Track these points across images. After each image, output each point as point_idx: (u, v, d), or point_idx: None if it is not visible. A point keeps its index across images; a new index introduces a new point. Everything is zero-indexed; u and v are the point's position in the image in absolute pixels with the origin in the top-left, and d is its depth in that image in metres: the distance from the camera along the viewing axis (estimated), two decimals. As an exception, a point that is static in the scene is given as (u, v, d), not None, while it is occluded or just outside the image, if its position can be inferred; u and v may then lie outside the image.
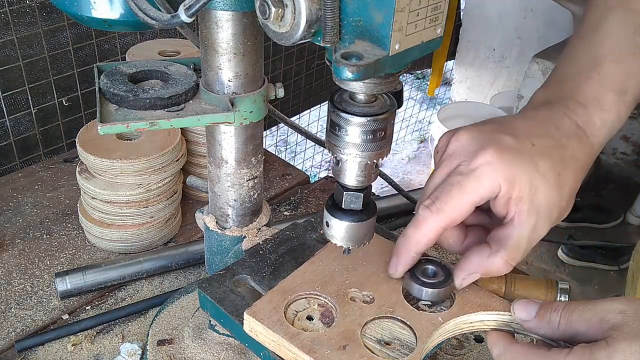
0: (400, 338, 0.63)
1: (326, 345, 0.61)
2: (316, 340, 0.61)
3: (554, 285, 1.04)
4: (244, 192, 0.77)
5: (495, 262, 0.61)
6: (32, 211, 1.22)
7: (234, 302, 0.70)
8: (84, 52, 1.63)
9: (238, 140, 0.73)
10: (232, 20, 0.65)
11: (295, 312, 0.66)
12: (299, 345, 0.61)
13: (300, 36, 0.51)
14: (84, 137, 1.09)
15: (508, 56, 3.51)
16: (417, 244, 0.62)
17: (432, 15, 0.53)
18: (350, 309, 0.66)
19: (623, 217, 2.76)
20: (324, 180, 1.41)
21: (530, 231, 0.60)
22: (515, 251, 0.61)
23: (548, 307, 0.59)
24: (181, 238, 1.19)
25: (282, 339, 0.61)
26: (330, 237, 0.67)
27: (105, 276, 1.02)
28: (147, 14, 0.60)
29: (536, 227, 0.60)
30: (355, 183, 0.63)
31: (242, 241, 0.80)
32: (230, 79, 0.69)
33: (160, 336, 0.87)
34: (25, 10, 1.47)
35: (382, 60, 0.50)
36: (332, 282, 0.69)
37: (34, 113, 1.59)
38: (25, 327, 0.97)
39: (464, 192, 0.59)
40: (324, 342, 0.61)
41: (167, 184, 1.11)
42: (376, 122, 0.59)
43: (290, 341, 0.61)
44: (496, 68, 3.59)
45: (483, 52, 3.61)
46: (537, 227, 0.60)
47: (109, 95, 0.68)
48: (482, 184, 0.58)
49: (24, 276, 1.06)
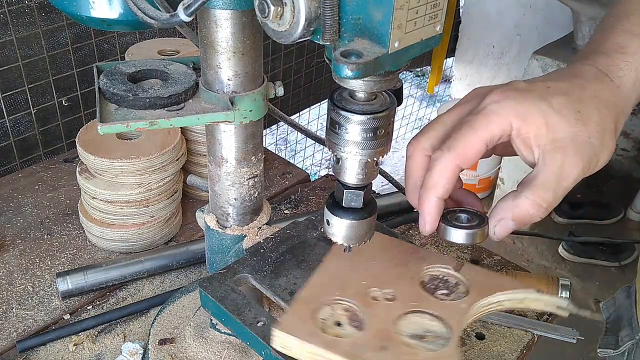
0: (431, 330, 0.63)
1: (366, 348, 0.60)
2: (355, 345, 0.60)
3: (555, 282, 1.04)
4: (244, 190, 0.77)
5: (522, 204, 0.58)
6: (32, 211, 1.22)
7: (235, 301, 0.70)
8: (83, 52, 1.63)
9: (238, 139, 0.73)
10: (231, 18, 0.65)
11: (323, 320, 0.64)
12: (341, 352, 0.59)
13: (299, 34, 0.51)
14: (84, 137, 1.09)
15: (507, 53, 3.51)
16: (435, 186, 0.60)
17: (431, 12, 0.53)
18: (376, 309, 0.65)
19: (623, 214, 2.77)
20: (324, 179, 1.41)
21: (558, 169, 0.57)
22: (542, 190, 0.57)
23: None
24: (182, 237, 1.19)
25: (321, 349, 0.60)
26: (331, 236, 0.67)
27: (107, 276, 1.03)
28: (146, 13, 0.60)
29: (564, 166, 0.57)
30: (355, 181, 0.63)
31: (243, 240, 0.80)
32: (229, 78, 0.69)
33: (162, 335, 0.87)
34: (24, 11, 1.47)
35: (381, 58, 0.50)
36: (350, 285, 0.68)
37: (34, 113, 1.59)
38: (26, 327, 0.97)
39: (474, 129, 0.58)
40: (362, 345, 0.61)
41: (168, 183, 1.11)
42: (376, 119, 0.59)
43: (330, 350, 0.60)
44: (496, 65, 3.59)
45: (482, 49, 3.61)
46: (566, 167, 0.57)
47: (109, 94, 0.68)
48: (491, 121, 0.57)
49: (25, 276, 1.06)
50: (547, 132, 0.57)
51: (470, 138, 0.58)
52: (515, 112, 0.57)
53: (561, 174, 0.57)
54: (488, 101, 0.59)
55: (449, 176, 0.59)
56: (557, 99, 0.58)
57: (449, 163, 0.59)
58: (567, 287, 1.03)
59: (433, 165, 0.60)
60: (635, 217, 2.76)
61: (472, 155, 0.59)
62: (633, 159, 2.92)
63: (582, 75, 0.61)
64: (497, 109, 0.58)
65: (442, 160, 0.59)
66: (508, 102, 0.57)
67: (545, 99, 0.58)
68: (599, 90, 0.60)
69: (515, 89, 0.59)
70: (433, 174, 0.60)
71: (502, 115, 0.57)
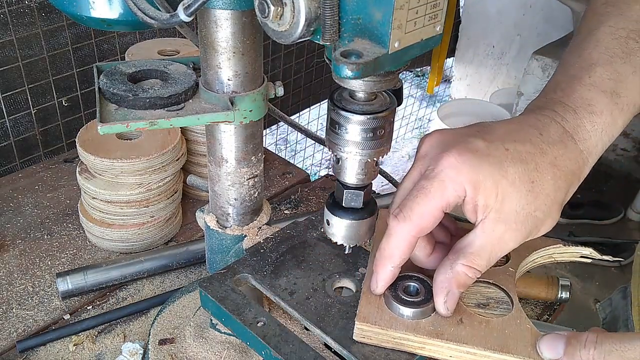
0: (492, 297, 0.68)
1: (445, 325, 0.63)
2: (434, 324, 0.63)
3: (555, 282, 1.04)
4: (244, 190, 0.77)
5: (460, 271, 0.59)
6: (32, 211, 1.22)
7: (235, 301, 0.70)
8: (83, 52, 1.63)
9: (238, 139, 0.73)
10: (231, 19, 0.65)
11: None
12: (424, 333, 0.62)
13: (299, 34, 0.51)
14: (84, 137, 1.09)
15: (507, 53, 3.51)
16: (391, 256, 0.60)
17: (431, 12, 0.53)
18: None
19: (623, 213, 2.76)
20: (324, 179, 1.41)
21: (496, 240, 0.58)
22: (478, 258, 0.58)
23: (576, 343, 0.57)
24: (182, 237, 1.19)
25: (405, 334, 0.62)
26: (331, 236, 0.67)
27: (107, 276, 1.03)
28: (146, 14, 0.60)
29: (503, 237, 0.57)
30: (355, 181, 0.63)
31: (243, 240, 0.80)
32: (229, 78, 0.69)
33: (162, 335, 0.87)
34: (24, 11, 1.47)
35: (381, 58, 0.50)
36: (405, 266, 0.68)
37: (34, 113, 1.59)
38: (26, 328, 0.97)
39: (430, 197, 0.57)
40: (441, 322, 0.63)
41: (168, 183, 1.11)
42: (376, 120, 0.59)
43: (414, 333, 0.62)
44: (496, 65, 3.60)
45: (482, 49, 3.61)
46: (505, 238, 0.57)
47: (109, 95, 0.68)
48: (446, 188, 0.56)
49: (25, 276, 1.06)
50: (495, 203, 0.56)
51: (426, 207, 0.57)
52: (469, 178, 0.56)
53: (497, 244, 0.58)
54: (445, 165, 0.57)
55: (405, 247, 0.59)
56: (514, 168, 0.57)
57: (405, 235, 0.58)
58: (567, 288, 1.03)
59: (389, 235, 0.59)
60: (635, 217, 2.76)
61: (429, 225, 0.58)
62: (633, 159, 2.92)
63: (547, 134, 0.59)
64: (453, 175, 0.56)
65: (398, 230, 0.58)
66: (464, 167, 0.56)
67: (501, 166, 0.56)
68: (560, 157, 0.59)
69: (473, 151, 0.57)
70: (390, 243, 0.60)
71: (457, 182, 0.56)
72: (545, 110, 0.61)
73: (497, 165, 0.56)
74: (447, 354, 0.62)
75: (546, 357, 0.59)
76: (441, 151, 0.58)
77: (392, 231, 0.59)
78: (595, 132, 0.60)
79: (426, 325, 0.63)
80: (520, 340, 0.62)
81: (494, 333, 0.63)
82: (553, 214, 0.59)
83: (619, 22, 0.65)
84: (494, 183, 0.56)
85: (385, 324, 0.63)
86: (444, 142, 0.60)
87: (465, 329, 0.63)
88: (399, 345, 0.63)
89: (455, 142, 0.58)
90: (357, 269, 0.75)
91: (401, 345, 0.63)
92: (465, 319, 0.64)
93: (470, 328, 0.63)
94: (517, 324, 0.64)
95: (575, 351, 0.57)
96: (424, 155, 0.61)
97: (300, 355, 0.65)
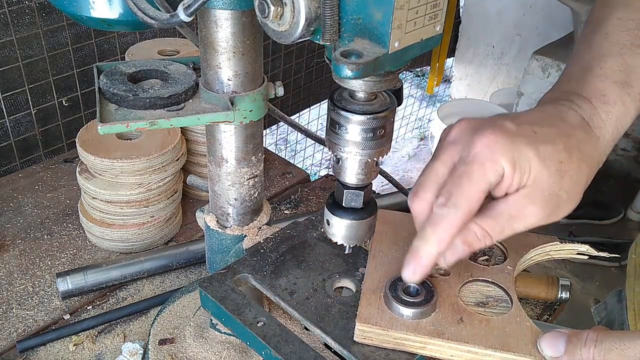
0: (491, 295, 0.68)
1: (445, 324, 0.63)
2: (435, 324, 0.64)
3: (555, 282, 1.04)
4: (244, 190, 0.77)
5: (470, 227, 0.59)
6: (32, 211, 1.22)
7: (235, 301, 0.70)
8: (83, 52, 1.63)
9: (238, 139, 0.73)
10: (231, 19, 0.65)
11: None
12: (425, 333, 0.62)
13: (299, 34, 0.51)
14: (84, 137, 1.09)
15: (507, 53, 3.51)
16: (439, 242, 0.59)
17: (431, 12, 0.53)
18: (437, 286, 0.68)
19: (623, 213, 2.76)
20: (324, 179, 1.41)
21: (517, 212, 0.58)
22: (492, 222, 0.58)
23: (577, 341, 0.57)
24: (182, 237, 1.19)
25: (405, 334, 0.62)
26: (331, 236, 0.67)
27: (107, 276, 1.03)
28: (146, 14, 0.60)
29: (524, 211, 0.58)
30: (355, 181, 0.63)
31: (243, 240, 0.80)
32: (229, 78, 0.69)
33: (162, 335, 0.87)
34: (25, 11, 1.47)
35: (381, 58, 0.50)
36: None
37: (34, 113, 1.59)
38: (26, 328, 0.97)
39: (473, 182, 0.57)
40: (441, 322, 0.64)
41: (168, 183, 1.11)
42: (376, 120, 0.59)
43: (415, 333, 0.62)
44: (496, 65, 3.60)
45: (482, 49, 3.61)
46: (526, 212, 0.58)
47: (109, 95, 0.68)
48: (487, 169, 0.57)
49: (25, 276, 1.06)
50: (527, 179, 0.57)
51: (472, 192, 0.57)
52: (506, 157, 0.56)
53: (517, 216, 0.58)
54: (479, 146, 0.57)
55: (454, 233, 0.58)
56: (544, 147, 0.57)
57: (456, 221, 0.58)
58: (567, 288, 1.03)
59: (439, 221, 0.58)
60: (635, 217, 2.76)
61: (476, 208, 0.58)
62: (633, 159, 2.91)
63: (569, 120, 0.61)
64: (489, 155, 0.57)
65: (449, 217, 0.57)
66: (498, 146, 0.57)
67: (533, 145, 0.57)
68: (582, 141, 0.60)
69: (505, 131, 0.57)
70: (438, 229, 0.58)
71: (496, 161, 0.57)
72: (562, 101, 0.63)
73: (529, 145, 0.57)
74: (448, 354, 0.62)
75: (547, 355, 0.60)
76: (474, 134, 0.58)
77: (441, 217, 0.58)
78: (610, 121, 0.62)
79: (427, 325, 0.63)
80: (521, 338, 0.62)
81: (494, 331, 0.63)
82: (575, 196, 0.59)
83: (627, 13, 0.67)
84: (527, 160, 0.57)
85: (386, 324, 0.63)
86: (474, 127, 0.60)
87: (465, 328, 0.63)
88: (400, 346, 0.63)
89: (486, 125, 0.59)
90: (357, 269, 0.75)
91: (402, 345, 0.63)
92: (465, 318, 0.64)
93: (470, 327, 0.63)
94: (517, 322, 0.65)
95: (576, 349, 0.57)
96: (454, 141, 0.61)
97: (300, 355, 0.65)
